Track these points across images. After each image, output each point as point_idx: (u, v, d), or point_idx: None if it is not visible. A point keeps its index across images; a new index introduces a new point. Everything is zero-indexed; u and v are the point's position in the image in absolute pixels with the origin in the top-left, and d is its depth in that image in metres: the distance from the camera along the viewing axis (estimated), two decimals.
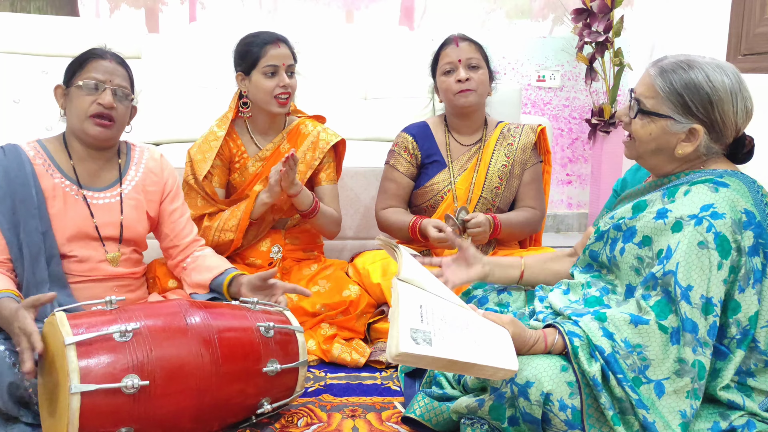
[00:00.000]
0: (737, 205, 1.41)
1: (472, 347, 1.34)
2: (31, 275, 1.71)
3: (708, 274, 1.36)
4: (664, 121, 1.47)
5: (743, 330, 1.41)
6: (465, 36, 2.31)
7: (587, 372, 1.35)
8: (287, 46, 2.21)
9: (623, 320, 1.39)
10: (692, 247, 1.37)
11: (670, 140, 1.49)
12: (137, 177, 1.91)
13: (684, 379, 1.35)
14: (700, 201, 1.42)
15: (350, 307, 2.13)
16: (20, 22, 3.18)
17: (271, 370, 1.55)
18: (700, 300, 1.36)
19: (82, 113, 1.76)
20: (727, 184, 1.43)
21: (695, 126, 1.45)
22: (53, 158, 1.81)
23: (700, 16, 2.96)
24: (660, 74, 1.48)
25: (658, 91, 1.47)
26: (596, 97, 3.89)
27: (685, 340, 1.35)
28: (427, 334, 1.31)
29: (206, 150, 2.23)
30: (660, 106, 1.47)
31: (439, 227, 2.14)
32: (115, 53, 1.84)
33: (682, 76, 1.45)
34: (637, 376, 1.36)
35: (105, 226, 1.83)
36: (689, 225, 1.39)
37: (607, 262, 1.59)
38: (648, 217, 1.49)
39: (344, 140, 2.36)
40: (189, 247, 1.99)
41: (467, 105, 2.28)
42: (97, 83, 1.76)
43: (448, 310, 1.42)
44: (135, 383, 1.36)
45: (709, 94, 1.43)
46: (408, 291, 1.41)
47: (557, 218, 4.07)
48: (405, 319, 1.31)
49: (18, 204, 1.72)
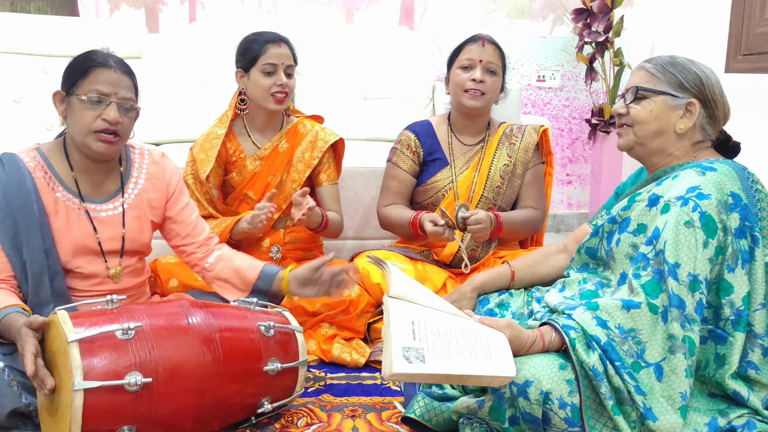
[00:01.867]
0: (724, 188, 1.45)
1: (467, 358, 1.34)
2: (35, 294, 1.65)
3: (695, 252, 1.40)
4: (663, 97, 1.56)
5: (737, 311, 1.43)
6: (492, 39, 2.31)
7: (586, 363, 1.36)
8: (288, 47, 2.21)
9: (615, 306, 1.41)
10: (679, 226, 1.41)
11: (670, 117, 1.56)
12: (139, 185, 1.83)
13: (677, 355, 1.37)
14: (687, 183, 1.46)
15: (350, 307, 2.13)
16: (20, 22, 3.18)
17: (271, 370, 1.55)
18: (687, 277, 1.39)
19: (85, 128, 1.66)
20: (715, 169, 1.48)
21: (692, 100, 1.55)
22: (54, 170, 1.73)
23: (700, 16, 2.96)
24: (651, 64, 1.60)
25: (653, 74, 1.58)
26: (596, 97, 3.89)
27: (672, 316, 1.38)
28: (420, 351, 1.32)
29: (209, 149, 2.23)
30: (656, 86, 1.57)
31: (434, 221, 2.14)
32: (119, 59, 1.73)
33: (670, 61, 1.59)
34: (636, 361, 1.38)
35: (107, 241, 1.76)
36: (676, 205, 1.43)
37: (605, 256, 1.61)
38: (641, 205, 1.53)
39: (343, 139, 2.36)
40: (206, 243, 1.90)
41: (475, 107, 2.28)
42: (101, 97, 1.65)
43: (442, 321, 1.42)
44: (138, 380, 1.36)
45: (697, 74, 1.56)
46: (398, 308, 1.41)
47: (557, 218, 4.07)
48: (397, 338, 1.32)
49: (20, 222, 1.64)
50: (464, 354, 1.35)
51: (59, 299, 1.68)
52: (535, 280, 1.87)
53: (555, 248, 1.89)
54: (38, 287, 1.66)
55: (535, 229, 2.39)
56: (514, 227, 2.29)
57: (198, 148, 2.25)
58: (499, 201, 2.34)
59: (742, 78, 2.38)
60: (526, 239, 2.48)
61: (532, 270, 1.87)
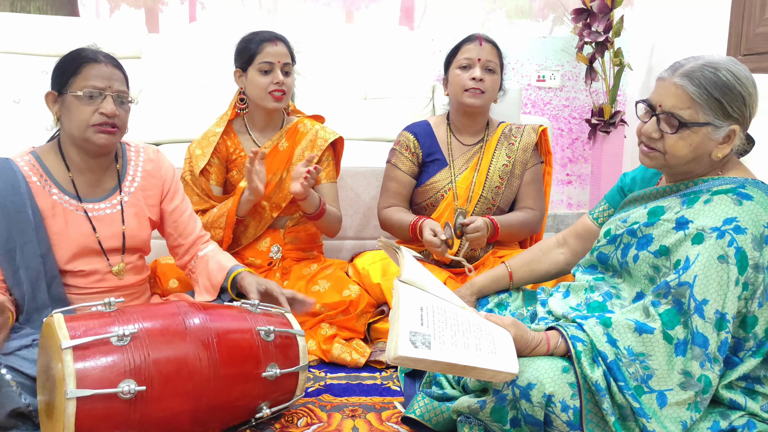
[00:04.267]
0: (760, 220, 1.38)
1: (472, 350, 1.34)
2: (32, 300, 1.65)
3: (725, 289, 1.34)
4: (705, 129, 1.42)
5: (759, 342, 1.40)
6: (489, 38, 2.32)
7: (589, 378, 1.35)
8: (285, 46, 2.22)
9: (627, 327, 1.38)
10: (712, 261, 1.35)
11: (708, 146, 1.44)
12: (136, 182, 1.85)
13: (688, 392, 1.34)
14: (723, 213, 1.39)
15: (350, 307, 2.13)
16: (20, 22, 3.18)
17: (270, 375, 1.54)
18: (714, 315, 1.34)
19: (83, 123, 1.67)
20: (751, 197, 1.40)
21: (733, 127, 1.42)
22: (49, 172, 1.73)
23: (700, 16, 2.96)
24: (690, 82, 1.41)
25: (694, 99, 1.41)
26: (596, 97, 3.89)
27: (693, 354, 1.34)
28: (427, 337, 1.31)
29: (205, 146, 2.25)
30: (698, 115, 1.41)
31: (434, 231, 2.14)
32: (107, 54, 1.74)
33: (714, 81, 1.40)
34: (639, 386, 1.35)
35: (107, 239, 1.77)
36: (711, 238, 1.36)
37: (618, 267, 1.58)
38: (666, 225, 1.46)
39: (342, 138, 2.37)
40: (194, 245, 1.94)
41: (475, 106, 2.28)
42: (96, 91, 1.66)
43: (450, 312, 1.42)
44: (131, 388, 1.35)
45: (741, 93, 1.41)
46: (409, 293, 1.40)
47: (557, 218, 4.07)
48: (405, 322, 1.31)
49: (14, 228, 1.64)
50: (470, 346, 1.34)
51: (57, 304, 1.68)
52: (534, 277, 1.87)
53: (554, 242, 1.86)
54: (35, 292, 1.66)
55: (534, 230, 2.39)
56: (512, 230, 2.29)
57: (195, 145, 2.28)
58: (498, 201, 2.34)
59: None
60: (525, 239, 2.48)
61: (530, 268, 1.86)
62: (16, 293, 1.65)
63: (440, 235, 2.11)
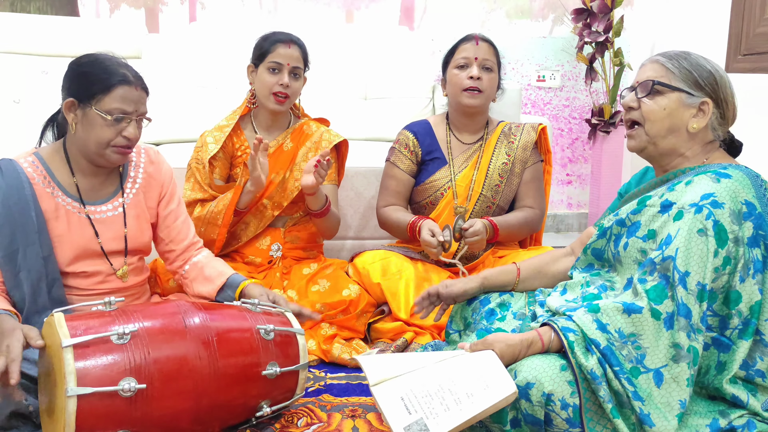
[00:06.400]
0: (738, 196, 1.42)
1: (466, 402, 1.36)
2: (33, 302, 1.64)
3: (705, 261, 1.38)
4: (678, 94, 1.52)
5: (744, 320, 1.42)
6: (486, 37, 2.33)
7: (584, 366, 1.36)
8: (299, 49, 2.23)
9: (616, 309, 1.40)
10: (692, 234, 1.39)
11: (683, 115, 1.53)
12: (137, 184, 1.83)
13: (681, 364, 1.36)
14: (701, 190, 1.44)
15: (350, 307, 2.13)
16: (20, 22, 3.18)
17: (270, 373, 1.54)
18: (696, 287, 1.37)
19: (104, 142, 1.65)
20: (729, 175, 1.45)
21: (706, 99, 1.52)
22: (53, 174, 1.71)
23: (700, 16, 2.96)
24: (667, 58, 1.56)
25: (667, 68, 1.54)
26: (596, 97, 3.89)
27: (679, 325, 1.36)
28: (421, 422, 1.34)
29: (218, 137, 2.27)
30: (671, 81, 1.53)
31: (432, 231, 2.14)
32: (136, 73, 1.70)
33: (687, 59, 1.55)
34: (635, 366, 1.36)
35: (109, 241, 1.76)
36: (689, 212, 1.41)
37: (612, 259, 1.60)
38: (652, 210, 1.50)
39: (347, 141, 2.37)
40: (186, 251, 1.92)
41: (474, 105, 2.28)
42: (124, 116, 1.65)
43: (428, 379, 1.43)
44: (132, 386, 1.35)
45: (712, 73, 1.53)
46: (385, 392, 1.42)
47: (557, 218, 4.07)
48: (394, 423, 1.34)
49: (17, 230, 1.63)
50: (461, 400, 1.36)
51: (57, 306, 1.65)
52: (540, 280, 1.86)
53: (563, 252, 1.87)
54: (36, 295, 1.65)
55: (534, 229, 2.39)
56: (512, 230, 2.29)
57: (208, 133, 2.29)
58: (498, 199, 2.34)
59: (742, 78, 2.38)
60: (525, 239, 2.48)
61: (538, 270, 1.85)
62: (16, 295, 1.64)
63: (438, 236, 2.12)
